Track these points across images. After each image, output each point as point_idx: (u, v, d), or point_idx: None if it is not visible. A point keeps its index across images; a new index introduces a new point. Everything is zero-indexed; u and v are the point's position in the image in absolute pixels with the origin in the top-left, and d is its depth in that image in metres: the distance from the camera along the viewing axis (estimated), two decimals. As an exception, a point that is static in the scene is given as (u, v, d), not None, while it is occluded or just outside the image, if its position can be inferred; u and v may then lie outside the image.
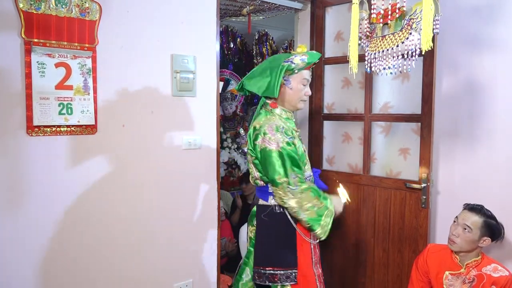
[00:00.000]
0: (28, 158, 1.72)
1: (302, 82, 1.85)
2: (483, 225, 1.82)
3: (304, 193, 1.72)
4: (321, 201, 1.75)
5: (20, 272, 1.73)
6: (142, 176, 2.04)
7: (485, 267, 1.85)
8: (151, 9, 2.01)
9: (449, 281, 1.91)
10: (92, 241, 1.91)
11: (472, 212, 1.86)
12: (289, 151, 1.73)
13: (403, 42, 1.62)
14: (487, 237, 1.83)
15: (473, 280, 1.85)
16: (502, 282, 1.79)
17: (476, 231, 1.82)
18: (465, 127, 2.19)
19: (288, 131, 1.79)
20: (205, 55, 2.22)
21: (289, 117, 1.91)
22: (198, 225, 2.27)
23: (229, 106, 4.07)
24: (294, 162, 1.73)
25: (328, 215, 1.76)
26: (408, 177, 2.31)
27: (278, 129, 1.75)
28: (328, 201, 1.78)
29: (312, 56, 1.84)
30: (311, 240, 1.85)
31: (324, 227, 1.75)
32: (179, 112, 2.16)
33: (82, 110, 1.82)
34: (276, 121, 1.80)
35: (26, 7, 1.66)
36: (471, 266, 1.87)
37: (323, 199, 1.77)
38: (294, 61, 1.80)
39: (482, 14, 2.10)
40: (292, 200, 1.72)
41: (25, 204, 1.73)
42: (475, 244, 1.84)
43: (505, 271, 1.83)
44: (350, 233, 2.56)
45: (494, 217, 1.87)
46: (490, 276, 1.82)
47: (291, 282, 1.76)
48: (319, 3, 2.70)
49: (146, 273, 2.09)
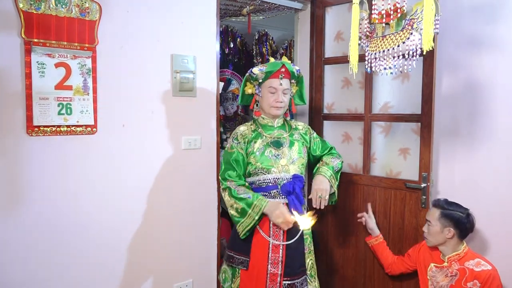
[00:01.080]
0: (28, 158, 1.72)
1: (269, 90, 1.98)
2: (440, 216, 1.92)
3: (225, 192, 1.96)
4: (238, 203, 1.89)
5: (18, 273, 1.73)
6: (142, 176, 2.04)
7: (467, 262, 1.88)
8: (151, 9, 2.01)
9: (432, 272, 1.98)
10: (92, 240, 1.91)
11: (433, 207, 1.99)
12: (226, 152, 2.01)
13: (404, 42, 1.62)
14: (449, 228, 1.89)
15: (456, 274, 1.88)
16: (484, 276, 1.82)
17: (436, 223, 1.92)
18: (465, 127, 2.18)
19: (242, 136, 2.00)
20: (205, 55, 2.22)
21: (267, 124, 2.05)
22: (198, 225, 2.27)
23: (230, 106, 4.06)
24: (227, 163, 1.98)
25: (249, 217, 1.87)
26: (408, 177, 2.31)
27: (233, 135, 2.04)
28: (247, 204, 1.87)
29: (271, 66, 1.96)
30: (270, 239, 1.93)
31: (243, 226, 1.89)
32: (179, 112, 2.16)
33: (81, 110, 1.82)
34: (239, 128, 2.06)
35: (26, 7, 1.66)
36: (453, 260, 1.91)
37: (240, 201, 1.88)
38: (253, 71, 2.00)
39: (482, 14, 2.10)
40: (222, 194, 2.00)
41: (25, 204, 1.72)
42: (441, 237, 1.92)
43: (487, 265, 1.85)
44: (350, 233, 2.56)
45: (456, 208, 1.92)
46: (472, 271, 1.84)
47: (243, 267, 1.95)
48: (319, 3, 2.70)
49: (146, 273, 2.09)
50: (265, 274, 1.92)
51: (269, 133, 2.03)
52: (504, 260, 2.05)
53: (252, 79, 2.02)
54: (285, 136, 2.04)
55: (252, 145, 1.99)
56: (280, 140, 2.02)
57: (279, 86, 1.97)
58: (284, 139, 2.03)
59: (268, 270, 1.92)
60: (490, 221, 2.09)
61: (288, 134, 2.06)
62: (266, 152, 1.97)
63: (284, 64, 1.97)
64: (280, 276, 1.91)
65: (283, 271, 1.92)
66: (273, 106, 1.99)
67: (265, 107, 2.02)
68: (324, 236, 2.68)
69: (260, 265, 1.93)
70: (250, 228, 1.89)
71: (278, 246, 1.93)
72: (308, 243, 2.06)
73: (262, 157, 1.97)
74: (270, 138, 2.01)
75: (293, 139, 2.05)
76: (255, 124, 2.07)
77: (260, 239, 1.95)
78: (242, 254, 1.96)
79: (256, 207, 1.86)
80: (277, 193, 1.96)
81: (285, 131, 2.06)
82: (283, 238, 1.94)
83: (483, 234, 2.13)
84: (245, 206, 1.87)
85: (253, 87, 2.05)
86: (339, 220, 2.60)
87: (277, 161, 1.97)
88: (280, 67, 1.95)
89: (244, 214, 1.88)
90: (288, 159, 1.99)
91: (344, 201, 2.55)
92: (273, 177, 1.96)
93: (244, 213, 1.87)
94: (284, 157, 1.98)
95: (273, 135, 2.03)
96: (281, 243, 1.93)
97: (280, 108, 2.00)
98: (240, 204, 1.88)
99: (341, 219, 2.59)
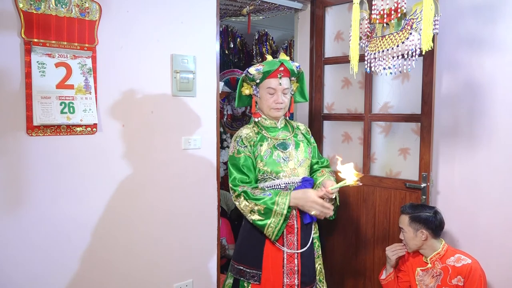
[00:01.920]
0: (28, 158, 1.72)
1: (268, 91, 1.86)
2: (410, 221, 1.96)
3: (239, 198, 1.79)
4: (259, 204, 1.73)
5: (18, 273, 1.73)
6: (142, 176, 2.04)
7: (448, 259, 1.92)
8: (151, 9, 2.01)
9: (419, 277, 2.01)
10: (92, 240, 1.91)
11: (402, 214, 2.03)
12: (234, 158, 1.85)
13: (403, 42, 1.62)
14: (421, 230, 1.93)
15: (440, 274, 1.92)
16: (466, 270, 1.85)
17: (408, 228, 1.96)
18: (465, 127, 2.18)
19: (246, 140, 1.86)
20: (205, 55, 2.22)
21: (270, 125, 1.93)
22: (198, 225, 2.27)
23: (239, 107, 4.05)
24: (237, 169, 1.83)
25: (276, 215, 1.72)
26: (408, 177, 2.31)
27: (236, 138, 1.90)
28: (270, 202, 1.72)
29: (269, 65, 1.84)
30: (284, 248, 1.82)
31: (272, 227, 1.74)
32: (179, 112, 2.16)
33: (84, 109, 1.82)
34: (241, 131, 1.91)
35: (26, 7, 1.66)
36: (435, 260, 1.95)
37: (260, 201, 1.73)
38: (250, 71, 1.86)
39: (482, 14, 2.10)
40: (235, 202, 1.83)
41: (25, 204, 1.73)
42: (416, 240, 1.95)
43: (467, 259, 1.88)
44: (350, 233, 2.56)
45: (423, 210, 1.96)
46: (454, 267, 1.88)
47: (255, 282, 1.82)
48: (319, 3, 2.70)
49: (146, 273, 2.09)
50: (281, 287, 1.82)
51: (273, 135, 1.91)
52: (504, 260, 2.05)
53: (249, 80, 1.89)
54: (290, 137, 1.93)
55: (258, 149, 1.86)
56: (286, 142, 1.91)
57: (278, 86, 1.85)
58: (289, 140, 1.92)
59: (284, 282, 1.81)
60: (490, 220, 2.10)
61: (293, 135, 1.95)
62: (274, 156, 1.85)
63: (282, 62, 1.85)
64: (298, 286, 1.82)
65: (299, 281, 1.82)
66: (272, 107, 1.87)
67: (264, 109, 1.91)
68: (323, 237, 2.68)
69: (275, 278, 1.82)
70: (281, 227, 1.73)
71: (292, 255, 1.82)
72: (317, 247, 1.98)
73: (270, 160, 1.84)
74: (276, 140, 1.89)
75: (298, 140, 1.96)
76: (257, 126, 1.94)
77: (272, 249, 1.83)
78: (254, 268, 1.83)
79: (281, 202, 1.71)
80: None
81: (289, 132, 1.96)
82: (297, 245, 1.83)
83: (483, 234, 2.13)
84: (268, 204, 1.71)
85: (251, 87, 1.93)
86: (339, 220, 2.60)
87: (286, 165, 1.85)
88: (278, 66, 1.83)
89: (269, 214, 1.72)
90: (296, 161, 1.88)
91: (344, 201, 2.55)
92: (283, 182, 1.84)
93: (269, 212, 1.71)
94: (292, 159, 1.87)
95: (278, 137, 1.91)
96: (296, 251, 1.83)
97: (280, 109, 1.88)
98: (262, 205, 1.72)
99: (341, 219, 2.59)
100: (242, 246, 1.92)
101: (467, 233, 2.18)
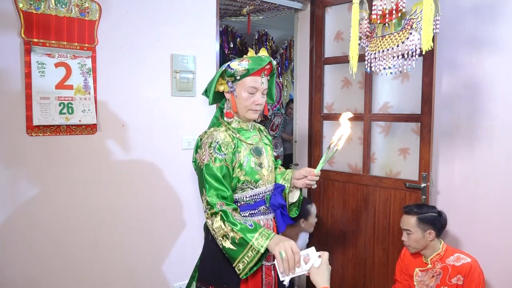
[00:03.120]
0: (28, 158, 1.72)
1: (248, 90, 1.58)
2: (418, 222, 1.93)
3: (215, 217, 1.48)
4: (235, 231, 1.44)
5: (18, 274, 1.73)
6: (142, 176, 2.04)
7: (448, 259, 1.92)
8: (150, 9, 2.01)
9: (419, 277, 2.00)
10: (92, 240, 1.91)
11: (407, 214, 1.98)
12: (211, 168, 1.52)
13: (403, 42, 1.62)
14: (429, 230, 1.92)
15: (440, 273, 1.92)
16: (465, 269, 1.85)
17: (416, 229, 1.93)
18: (465, 127, 2.18)
19: (225, 146, 1.56)
20: (205, 55, 2.22)
21: (244, 127, 1.66)
22: (198, 225, 2.27)
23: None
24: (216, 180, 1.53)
25: (251, 250, 1.42)
26: (408, 177, 2.31)
27: (211, 144, 1.55)
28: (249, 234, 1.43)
29: (256, 62, 1.57)
30: (263, 262, 1.54)
31: (244, 263, 1.43)
32: (179, 112, 2.16)
33: (83, 110, 1.82)
34: (215, 135, 1.57)
35: (25, 7, 1.66)
36: (435, 260, 1.94)
37: (238, 228, 1.43)
38: (231, 66, 1.57)
39: (482, 14, 2.10)
40: (207, 220, 1.51)
41: (25, 204, 1.72)
42: (423, 241, 1.93)
43: (467, 258, 1.88)
44: (350, 233, 2.56)
45: (428, 210, 1.95)
46: (454, 266, 1.88)
47: None
48: (319, 3, 2.70)
49: (146, 273, 2.09)
50: None
51: (247, 139, 1.65)
52: (504, 259, 2.05)
53: (228, 75, 1.59)
54: (260, 141, 1.69)
55: (237, 156, 1.59)
56: (259, 147, 1.67)
57: (260, 86, 1.59)
58: (260, 144, 1.68)
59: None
60: (490, 220, 2.09)
61: (261, 138, 1.72)
62: (252, 163, 1.61)
63: (270, 61, 1.61)
64: None
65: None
66: (251, 109, 1.60)
67: (240, 109, 1.61)
68: (323, 237, 2.68)
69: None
70: (254, 266, 1.43)
71: (269, 268, 1.63)
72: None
73: (248, 169, 1.60)
74: (250, 145, 1.64)
75: (265, 143, 1.73)
76: (230, 129, 1.64)
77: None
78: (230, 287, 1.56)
79: (260, 239, 1.42)
80: (265, 208, 1.64)
81: (258, 134, 1.71)
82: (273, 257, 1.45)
83: (483, 234, 2.13)
84: (246, 235, 1.42)
85: (226, 83, 1.62)
86: (339, 220, 2.60)
87: (262, 172, 1.63)
88: (265, 64, 1.58)
89: (244, 246, 1.42)
90: (267, 167, 1.67)
91: (344, 201, 2.55)
92: (261, 191, 1.63)
93: (244, 245, 1.42)
94: (264, 166, 1.65)
95: (251, 141, 1.65)
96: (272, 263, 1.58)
97: (258, 111, 1.63)
98: (239, 233, 1.43)
99: (340, 219, 2.59)
100: (212, 264, 1.61)
101: (467, 233, 2.19)
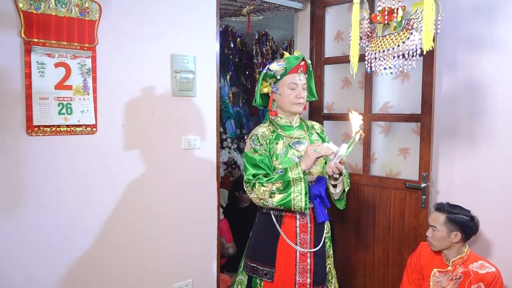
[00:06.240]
0: (28, 158, 1.72)
1: (289, 86, 1.86)
2: (446, 221, 1.87)
3: (255, 188, 1.77)
4: (275, 182, 1.73)
5: (18, 273, 1.73)
6: (142, 176, 2.04)
7: (471, 264, 1.87)
8: (151, 9, 2.01)
9: (436, 278, 1.94)
10: (92, 241, 1.91)
11: (437, 211, 1.93)
12: (250, 156, 1.83)
13: (404, 42, 1.62)
14: (456, 232, 1.85)
15: (460, 277, 1.87)
16: (489, 278, 1.81)
17: (442, 228, 1.87)
18: (465, 127, 2.18)
19: (262, 138, 1.85)
20: (205, 55, 2.22)
21: (286, 124, 1.93)
22: (198, 225, 2.27)
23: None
24: (253, 165, 1.82)
25: (295, 183, 1.71)
26: (408, 177, 2.31)
27: (251, 137, 1.89)
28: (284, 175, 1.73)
29: (291, 60, 1.86)
30: (297, 247, 1.82)
31: (298, 196, 1.71)
32: (179, 112, 2.15)
33: (82, 110, 1.82)
34: (257, 129, 1.91)
35: (25, 7, 1.66)
36: (457, 264, 1.89)
37: (275, 179, 1.73)
38: (271, 67, 1.88)
39: (482, 14, 2.10)
40: (251, 195, 1.81)
41: (25, 204, 1.72)
42: (447, 241, 1.87)
43: (491, 267, 1.84)
44: (350, 233, 2.56)
45: (460, 211, 1.89)
46: (477, 273, 1.84)
47: (268, 280, 1.83)
48: (319, 3, 2.70)
49: (146, 273, 2.09)
50: (293, 285, 1.82)
51: (288, 133, 1.90)
52: (505, 259, 2.05)
53: (269, 77, 1.89)
54: (305, 136, 1.93)
55: (274, 147, 1.86)
56: (301, 141, 1.90)
57: (299, 81, 1.87)
58: (304, 139, 1.92)
59: (296, 281, 1.82)
60: (490, 220, 2.09)
61: (307, 134, 1.95)
62: (289, 154, 1.85)
63: (303, 57, 1.88)
64: (310, 285, 1.82)
65: (312, 279, 1.83)
66: (295, 102, 1.87)
67: (285, 105, 1.89)
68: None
69: (287, 276, 1.83)
70: (306, 192, 1.70)
71: (305, 254, 1.83)
72: (328, 247, 1.97)
73: (285, 159, 1.84)
74: (291, 139, 1.89)
75: (312, 139, 1.95)
76: (273, 124, 1.93)
77: (286, 248, 1.83)
78: (267, 265, 1.83)
79: (294, 171, 1.72)
80: None
81: (304, 131, 1.96)
82: (310, 244, 1.84)
83: (483, 234, 2.13)
84: (283, 178, 1.72)
85: (269, 85, 1.92)
86: (339, 220, 2.59)
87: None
88: (300, 61, 1.86)
89: (288, 185, 1.71)
90: None
91: (344, 201, 2.55)
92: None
93: (288, 184, 1.71)
94: None
95: (293, 135, 1.91)
96: (309, 250, 1.84)
97: (301, 104, 1.89)
98: (278, 181, 1.72)
99: (341, 219, 2.59)
100: (255, 244, 1.91)
101: (467, 233, 2.18)
